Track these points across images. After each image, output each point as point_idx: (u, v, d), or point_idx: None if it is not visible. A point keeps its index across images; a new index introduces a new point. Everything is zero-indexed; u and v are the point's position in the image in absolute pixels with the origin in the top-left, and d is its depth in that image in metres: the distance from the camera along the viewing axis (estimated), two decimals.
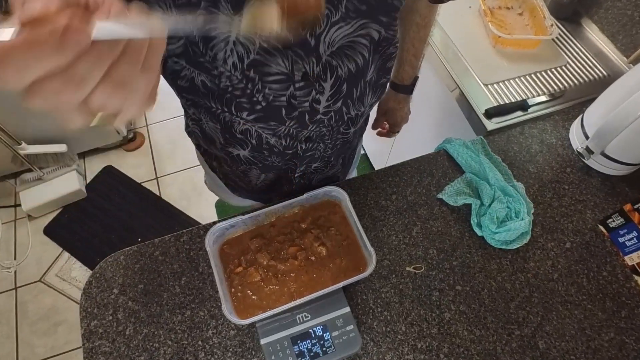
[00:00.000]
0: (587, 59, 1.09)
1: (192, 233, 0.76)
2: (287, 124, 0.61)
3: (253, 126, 0.61)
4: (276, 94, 0.56)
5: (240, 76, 0.53)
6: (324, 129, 0.66)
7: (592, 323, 0.69)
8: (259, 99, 0.56)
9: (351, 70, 0.57)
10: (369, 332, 0.68)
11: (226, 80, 0.54)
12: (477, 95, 1.00)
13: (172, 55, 0.52)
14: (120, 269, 0.73)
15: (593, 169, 0.85)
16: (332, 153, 0.76)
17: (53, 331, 1.62)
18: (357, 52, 0.56)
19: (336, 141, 0.73)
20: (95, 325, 0.68)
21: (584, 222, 0.79)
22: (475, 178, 0.81)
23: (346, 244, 0.70)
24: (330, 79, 0.57)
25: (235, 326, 0.68)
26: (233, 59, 0.51)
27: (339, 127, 0.68)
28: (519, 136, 0.90)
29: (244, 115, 0.59)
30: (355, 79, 0.59)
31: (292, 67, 0.53)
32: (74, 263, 1.76)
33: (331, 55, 0.54)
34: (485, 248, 0.76)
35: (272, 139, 0.65)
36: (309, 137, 0.67)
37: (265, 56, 0.51)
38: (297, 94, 0.56)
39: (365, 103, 0.66)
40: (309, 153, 0.72)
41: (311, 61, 0.53)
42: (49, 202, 1.80)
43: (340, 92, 0.60)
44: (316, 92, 0.58)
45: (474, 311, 0.70)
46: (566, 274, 0.74)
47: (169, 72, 0.55)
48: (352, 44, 0.54)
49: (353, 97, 0.62)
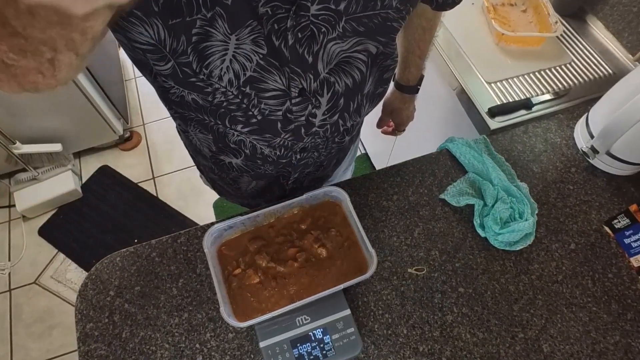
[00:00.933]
0: (592, 56, 1.09)
1: (189, 234, 0.76)
2: (282, 137, 0.61)
3: (247, 137, 0.61)
4: (272, 109, 0.56)
5: (236, 92, 0.53)
6: (318, 139, 0.66)
7: (597, 326, 0.69)
8: (255, 113, 0.56)
9: (348, 85, 0.57)
10: (370, 335, 0.68)
11: (221, 96, 0.53)
12: (480, 94, 1.00)
13: (160, 74, 0.51)
14: (116, 271, 0.73)
15: (598, 169, 0.85)
16: (325, 159, 0.76)
17: (48, 334, 1.62)
18: (354, 67, 0.55)
19: (331, 150, 0.73)
20: (91, 328, 0.68)
21: (589, 223, 0.79)
22: (478, 178, 0.81)
23: (347, 245, 0.70)
24: (327, 94, 0.56)
25: (234, 329, 0.68)
26: (229, 76, 0.50)
27: (334, 137, 0.68)
28: (523, 135, 0.90)
29: (238, 128, 0.59)
30: (352, 93, 0.59)
31: (289, 84, 0.53)
32: (69, 264, 1.76)
33: (329, 71, 0.54)
34: (488, 249, 0.76)
35: (267, 149, 0.65)
36: (304, 147, 0.67)
37: (262, 73, 0.50)
38: (294, 108, 0.56)
39: (362, 114, 0.66)
40: (303, 161, 0.72)
41: (308, 77, 0.53)
42: (44, 203, 1.80)
43: (337, 107, 0.60)
44: (312, 107, 0.57)
45: (477, 314, 0.70)
46: (571, 276, 0.74)
47: (160, 86, 0.55)
48: (349, 59, 0.54)
49: (350, 110, 0.62)
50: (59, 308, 1.66)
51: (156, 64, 0.49)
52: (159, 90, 0.57)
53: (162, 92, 0.56)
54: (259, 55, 0.48)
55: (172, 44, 0.46)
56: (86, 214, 1.86)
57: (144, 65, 0.52)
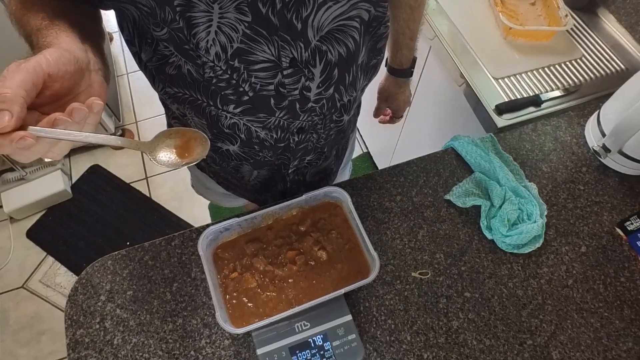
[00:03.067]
0: (603, 51, 1.09)
1: (184, 236, 0.76)
2: (277, 115, 0.62)
3: (241, 119, 0.62)
4: (263, 83, 0.56)
5: (225, 66, 0.53)
6: (316, 117, 0.66)
7: (609, 332, 0.69)
8: (245, 89, 0.56)
9: (342, 54, 0.58)
10: (372, 341, 0.68)
11: (210, 72, 0.54)
12: (486, 90, 1.00)
13: (161, 39, 0.52)
14: (107, 275, 0.73)
15: (610, 169, 0.85)
16: (325, 143, 0.76)
17: (36, 340, 1.61)
18: (347, 35, 0.56)
19: (330, 131, 0.73)
20: (81, 334, 0.68)
21: (600, 225, 0.79)
22: (485, 178, 0.81)
23: (348, 248, 0.70)
24: (320, 64, 0.57)
25: (230, 335, 0.68)
26: (216, 49, 0.51)
27: (332, 114, 0.68)
28: (532, 133, 0.90)
29: (230, 109, 0.59)
30: (346, 63, 0.59)
31: (279, 54, 0.53)
32: (59, 268, 1.76)
33: (320, 39, 0.54)
34: (495, 252, 0.76)
35: (262, 132, 0.65)
36: (301, 127, 0.67)
37: (250, 44, 0.51)
38: (286, 81, 0.57)
39: (358, 87, 0.67)
40: (302, 145, 0.72)
41: (299, 46, 0.53)
42: (32, 204, 1.80)
43: (331, 78, 0.60)
44: (306, 79, 0.58)
45: (484, 319, 0.70)
46: (581, 280, 0.74)
47: (159, 57, 0.55)
48: (342, 27, 0.55)
49: (345, 83, 0.63)
50: (48, 313, 1.66)
51: (154, 30, 0.51)
52: (157, 64, 0.57)
53: (161, 65, 0.56)
54: (244, 24, 0.49)
55: (160, 14, 0.48)
56: (76, 216, 1.86)
57: (144, 32, 0.53)
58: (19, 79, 0.36)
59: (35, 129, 0.37)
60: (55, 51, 0.39)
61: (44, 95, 0.40)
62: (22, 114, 0.36)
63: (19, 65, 0.37)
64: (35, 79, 0.37)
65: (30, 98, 0.37)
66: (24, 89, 0.36)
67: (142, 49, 0.56)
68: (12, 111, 0.35)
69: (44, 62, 0.38)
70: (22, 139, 0.35)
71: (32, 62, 0.37)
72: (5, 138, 0.35)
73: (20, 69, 0.37)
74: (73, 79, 0.41)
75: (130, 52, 0.58)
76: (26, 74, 0.36)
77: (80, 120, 0.39)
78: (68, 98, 0.42)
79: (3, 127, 0.35)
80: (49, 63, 0.38)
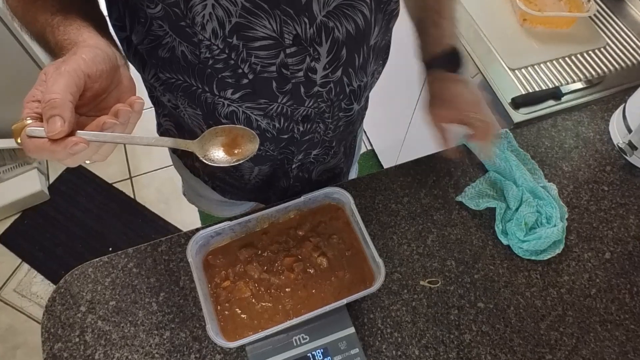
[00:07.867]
0: (629, 39, 1.09)
1: (171, 241, 0.76)
2: (280, 101, 0.61)
3: (240, 107, 0.61)
4: (264, 63, 0.56)
5: (222, 44, 0.53)
6: (322, 104, 0.65)
7: (635, 346, 0.70)
8: (245, 71, 0.56)
9: (350, 31, 0.57)
10: (377, 356, 0.68)
11: (206, 51, 0.54)
12: (502, 82, 1.00)
13: (155, 17, 0.53)
14: (88, 284, 0.73)
15: (637, 167, 0.85)
16: (333, 136, 0.75)
17: (11, 355, 1.62)
18: (356, 10, 0.56)
19: (338, 121, 0.72)
20: (60, 348, 0.68)
21: (626, 229, 0.79)
22: (500, 178, 0.81)
23: (350, 254, 0.70)
24: (326, 42, 0.56)
25: (222, 349, 0.68)
26: (213, 25, 0.51)
27: (340, 102, 0.67)
28: (551, 129, 0.90)
29: (228, 95, 0.59)
30: (355, 42, 0.59)
31: (281, 29, 0.53)
32: (35, 276, 1.76)
33: (327, 15, 0.54)
34: (511, 259, 0.76)
35: (264, 121, 0.64)
36: (307, 115, 0.66)
37: (249, 18, 0.51)
38: (289, 61, 0.56)
39: (368, 71, 0.66)
40: (308, 136, 0.71)
41: (303, 22, 0.53)
42: (6, 206, 1.80)
43: (339, 59, 0.59)
44: (311, 59, 0.57)
45: (499, 332, 0.70)
46: (605, 289, 0.74)
47: (152, 37, 0.55)
48: (351, 1, 0.54)
49: (355, 65, 0.62)
50: (23, 326, 1.66)
51: (149, 6, 0.51)
52: (150, 46, 0.57)
53: (153, 47, 0.57)
54: None
55: None
56: (54, 219, 1.86)
57: (137, 11, 0.54)
58: (63, 83, 0.38)
59: (85, 133, 0.39)
60: (89, 50, 0.41)
61: (85, 97, 0.41)
62: (73, 118, 0.38)
63: (58, 69, 0.39)
64: (77, 82, 0.39)
65: (76, 101, 0.39)
66: (70, 92, 0.38)
67: (134, 31, 0.56)
68: (63, 117, 0.37)
69: (82, 63, 0.40)
70: (75, 145, 0.37)
71: (71, 64, 0.39)
72: (59, 144, 0.38)
73: (62, 72, 0.38)
74: (109, 77, 0.43)
75: (118, 39, 0.58)
76: (69, 77, 0.38)
77: (125, 121, 0.41)
78: (102, 97, 0.44)
79: (57, 133, 0.37)
80: (86, 64, 0.40)
